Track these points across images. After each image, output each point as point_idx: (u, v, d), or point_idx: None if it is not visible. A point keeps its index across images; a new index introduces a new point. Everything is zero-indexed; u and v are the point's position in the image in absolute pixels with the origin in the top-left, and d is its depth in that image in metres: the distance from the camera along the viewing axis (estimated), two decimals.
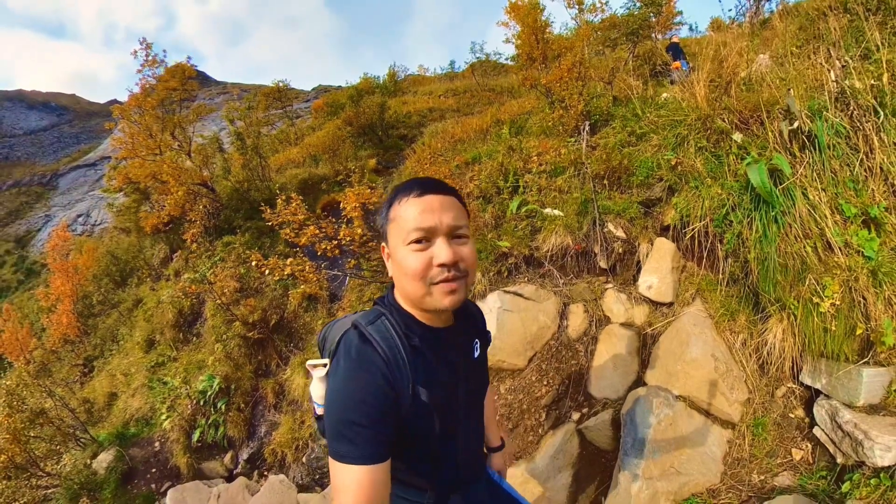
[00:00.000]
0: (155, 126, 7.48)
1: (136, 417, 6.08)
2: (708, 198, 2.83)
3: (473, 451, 1.26)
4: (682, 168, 3.12)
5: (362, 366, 0.96)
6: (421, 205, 0.97)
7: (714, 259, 2.85)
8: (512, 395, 3.06)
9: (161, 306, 7.48)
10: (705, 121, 3.15)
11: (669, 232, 3.12)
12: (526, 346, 3.17)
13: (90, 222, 25.79)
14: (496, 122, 7.08)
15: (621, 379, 2.81)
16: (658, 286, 3.00)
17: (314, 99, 23.53)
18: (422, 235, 0.96)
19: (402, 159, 8.40)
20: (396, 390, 0.96)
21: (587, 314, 3.20)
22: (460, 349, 1.15)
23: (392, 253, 1.02)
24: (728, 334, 2.64)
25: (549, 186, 3.96)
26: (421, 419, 1.01)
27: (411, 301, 1.03)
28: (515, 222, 3.84)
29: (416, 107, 11.35)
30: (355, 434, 0.91)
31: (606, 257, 3.32)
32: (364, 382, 0.94)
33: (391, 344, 0.99)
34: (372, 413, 0.92)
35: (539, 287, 3.40)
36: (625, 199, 3.38)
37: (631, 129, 3.90)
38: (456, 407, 1.12)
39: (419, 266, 0.95)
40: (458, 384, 1.12)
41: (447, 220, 0.97)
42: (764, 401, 2.44)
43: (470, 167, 5.30)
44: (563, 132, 4.72)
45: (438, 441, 1.07)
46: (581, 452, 2.65)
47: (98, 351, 9.12)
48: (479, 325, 1.31)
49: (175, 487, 4.47)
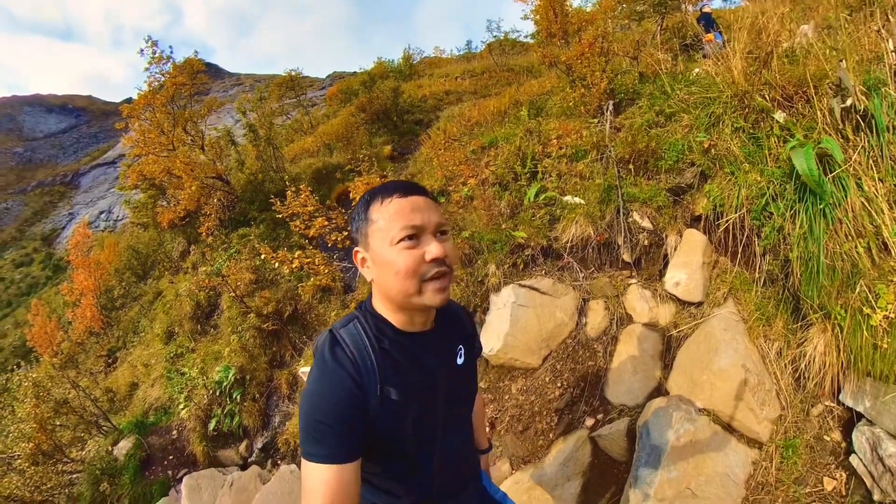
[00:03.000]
0: (166, 122, 7.60)
1: (155, 407, 6.35)
2: (745, 185, 2.59)
3: (455, 462, 1.24)
4: (716, 151, 2.88)
5: (330, 367, 1.00)
6: (408, 204, 1.01)
7: (750, 255, 2.62)
8: (523, 395, 2.96)
9: (179, 299, 7.70)
10: (742, 98, 2.88)
11: (701, 223, 2.90)
12: (541, 344, 3.05)
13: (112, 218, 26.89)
14: (514, 104, 6.88)
15: (641, 385, 2.65)
16: (686, 283, 2.80)
17: (329, 86, 23.54)
18: (412, 232, 0.99)
19: (417, 145, 8.31)
20: (364, 391, 0.99)
21: (608, 311, 3.03)
22: (439, 354, 1.15)
23: (374, 255, 1.03)
24: (762, 342, 2.43)
25: (570, 172, 3.79)
26: (391, 420, 1.03)
27: (397, 302, 1.05)
28: (533, 211, 3.69)
29: (432, 90, 11.16)
30: (322, 434, 0.95)
31: (630, 250, 3.14)
32: (331, 383, 0.99)
33: (360, 346, 1.03)
34: (338, 413, 0.96)
35: (557, 281, 3.25)
36: (652, 186, 3.18)
37: (659, 108, 3.67)
38: (433, 413, 1.13)
39: (412, 263, 0.98)
40: (437, 390, 1.13)
41: (434, 218, 1.02)
42: (797, 420, 2.24)
43: (486, 152, 5.16)
44: (584, 113, 4.52)
45: (413, 446, 1.09)
46: (593, 461, 2.53)
47: (121, 342, 9.51)
48: (466, 331, 1.31)
49: (190, 474, 4.64)
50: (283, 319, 5.44)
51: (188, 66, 7.95)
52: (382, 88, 9.61)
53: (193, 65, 8.03)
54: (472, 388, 1.33)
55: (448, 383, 1.16)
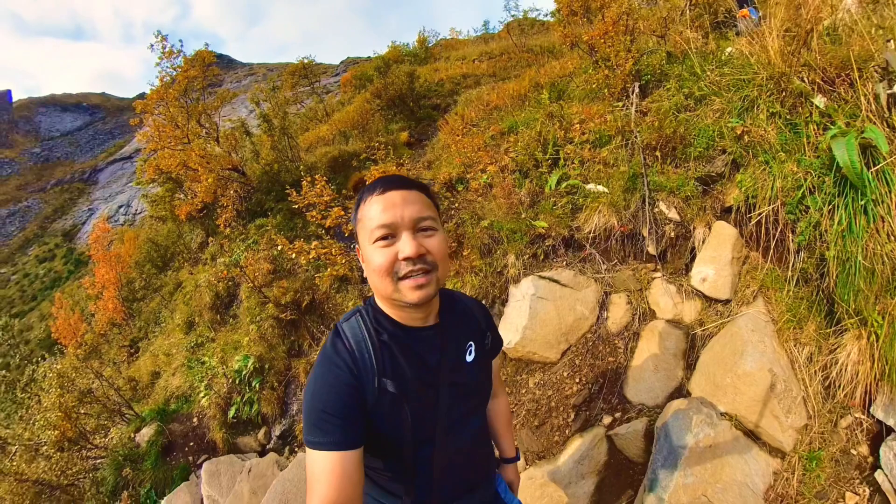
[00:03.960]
0: (180, 116, 7.72)
1: (176, 395, 6.58)
2: (780, 176, 2.48)
3: (459, 464, 1.23)
4: (749, 138, 2.77)
5: (330, 360, 1.06)
6: (383, 201, 1.02)
7: (783, 252, 2.52)
8: (540, 390, 2.94)
9: (199, 290, 7.91)
10: (779, 80, 2.75)
11: (731, 215, 2.81)
12: (560, 337, 3.02)
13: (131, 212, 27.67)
14: (535, 87, 6.76)
15: (662, 384, 2.61)
16: (714, 279, 2.72)
17: (343, 72, 23.52)
18: (385, 232, 1.01)
19: (435, 131, 8.27)
20: (361, 382, 1.04)
21: (630, 306, 2.99)
22: (443, 350, 1.16)
23: (362, 252, 1.08)
24: (792, 345, 2.34)
25: (593, 158, 3.73)
26: (388, 413, 1.06)
27: (384, 298, 1.09)
28: (554, 199, 3.65)
29: (449, 73, 11.04)
30: (324, 422, 1.00)
31: (656, 242, 3.07)
32: (331, 374, 1.04)
33: (358, 339, 1.08)
34: (338, 402, 1.01)
35: (578, 273, 3.21)
36: (680, 175, 3.09)
37: (688, 90, 3.55)
38: (434, 410, 1.14)
39: (384, 262, 1.01)
40: (437, 387, 1.14)
41: (409, 214, 1.02)
42: (824, 430, 2.17)
43: (505, 137, 5.10)
44: (608, 96, 4.42)
45: (410, 443, 1.10)
46: (608, 460, 2.51)
47: (142, 333, 9.84)
48: (478, 327, 1.30)
49: (210, 460, 4.83)
50: (301, 309, 5.54)
51: (199, 59, 8.02)
52: (397, 73, 9.54)
53: (204, 57, 8.08)
54: (485, 387, 1.31)
55: (454, 381, 1.16)
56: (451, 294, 1.29)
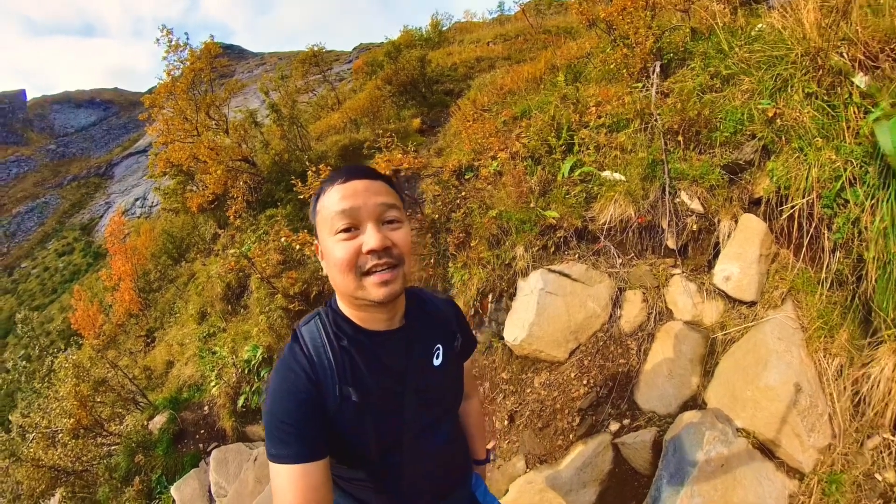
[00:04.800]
0: (188, 109, 7.80)
1: (188, 384, 6.79)
2: (816, 165, 2.27)
3: (430, 470, 1.20)
4: (782, 122, 2.56)
5: (289, 366, 1.02)
6: (344, 190, 0.97)
7: (817, 250, 2.33)
8: (546, 390, 2.84)
9: (210, 280, 8.06)
10: (815, 57, 2.52)
11: (760, 208, 2.60)
12: (568, 336, 2.90)
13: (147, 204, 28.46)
14: (551, 69, 6.55)
15: (675, 391, 2.46)
16: (739, 278, 2.54)
17: (356, 59, 23.43)
18: (348, 223, 0.95)
19: (448, 117, 8.14)
20: (321, 390, 0.99)
21: (646, 304, 2.82)
22: (409, 354, 1.11)
23: (322, 247, 1.02)
24: (821, 356, 2.16)
25: (609, 144, 3.56)
26: (351, 422, 1.02)
27: (346, 297, 1.03)
28: (567, 187, 3.50)
29: (463, 57, 10.84)
30: (285, 433, 0.96)
31: (676, 235, 2.89)
32: (289, 382, 1.00)
33: (317, 344, 1.03)
34: (298, 412, 0.97)
35: (591, 267, 3.06)
36: (704, 162, 2.89)
37: (714, 69, 3.33)
38: (399, 417, 1.10)
39: (347, 255, 0.95)
40: (403, 393, 1.09)
41: (374, 203, 0.97)
42: (848, 451, 2.00)
43: (518, 122, 4.95)
44: (627, 76, 4.22)
45: (376, 452, 1.07)
46: (613, 469, 2.39)
47: (158, 323, 10.12)
48: (448, 328, 1.25)
49: (219, 448, 4.98)
50: (310, 300, 5.56)
51: (205, 51, 8.09)
52: (408, 58, 9.41)
53: (210, 49, 8.14)
54: (455, 391, 1.27)
55: (420, 387, 1.12)
56: (419, 294, 1.23)
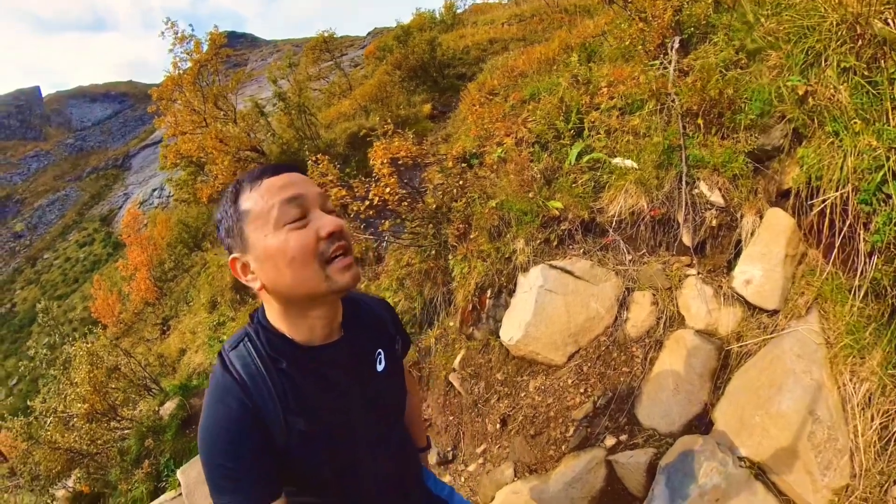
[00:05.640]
0: (196, 100, 7.92)
1: (197, 371, 7.03)
2: (854, 152, 1.97)
3: (389, 478, 1.15)
4: (815, 101, 2.26)
5: (221, 398, 0.91)
6: (281, 181, 0.90)
7: (851, 253, 2.02)
8: (540, 396, 2.67)
9: (221, 269, 8.18)
10: (854, 25, 2.21)
11: (789, 201, 2.32)
12: (567, 338, 2.70)
13: (164, 195, 29.27)
14: (565, 49, 6.29)
15: (681, 409, 2.24)
16: (761, 282, 2.27)
17: (369, 44, 23.27)
18: (297, 212, 0.88)
19: (459, 101, 7.98)
20: (263, 422, 0.90)
21: (655, 308, 2.59)
22: (352, 367, 1.04)
23: (257, 252, 0.89)
24: (847, 379, 1.86)
25: (622, 128, 3.34)
26: (304, 451, 0.94)
27: (298, 303, 0.93)
28: (574, 175, 3.30)
29: (476, 39, 10.60)
30: (228, 479, 0.87)
31: (693, 231, 2.63)
32: (224, 418, 0.89)
33: (251, 371, 0.92)
34: (237, 451, 0.87)
35: (596, 264, 2.84)
36: (727, 148, 2.63)
37: (739, 42, 3.03)
38: (353, 435, 1.04)
39: (307, 243, 0.86)
40: (352, 410, 1.03)
41: (314, 190, 0.93)
42: (869, 497, 1.70)
43: (526, 106, 4.75)
44: (643, 54, 3.96)
45: (332, 474, 1.01)
46: (605, 488, 2.21)
47: (173, 311, 10.41)
48: (385, 331, 1.19)
49: None
50: None
51: (210, 42, 8.18)
52: (418, 41, 9.24)
53: (215, 39, 8.24)
54: (400, 394, 1.22)
55: (367, 397, 1.06)
56: (352, 298, 1.14)
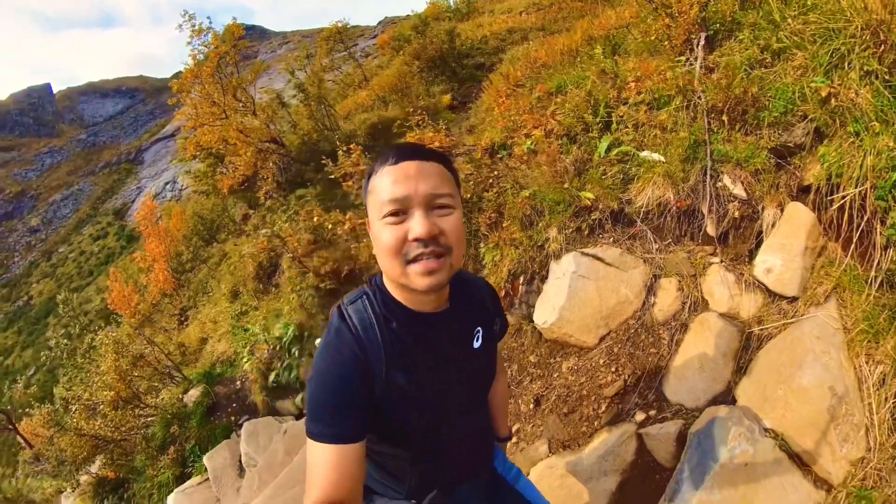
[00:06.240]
0: (216, 92, 8.10)
1: (221, 360, 7.23)
2: (873, 152, 2.14)
3: (465, 450, 1.25)
4: (837, 102, 2.43)
5: (336, 346, 1.03)
6: (394, 173, 0.97)
7: (868, 246, 2.19)
8: (573, 375, 2.89)
9: (243, 260, 8.43)
10: (877, 30, 2.38)
11: (809, 196, 2.50)
12: (599, 321, 2.92)
13: (177, 188, 29.77)
14: (588, 40, 6.43)
15: (705, 385, 2.45)
16: (781, 271, 2.46)
17: (381, 33, 23.33)
18: (396, 207, 0.95)
19: (479, 92, 8.13)
20: (369, 373, 1.01)
21: (680, 293, 2.79)
22: (454, 337, 1.14)
23: (371, 228, 1.04)
24: (862, 361, 2.06)
25: (649, 122, 3.53)
26: (397, 405, 1.05)
27: (393, 280, 1.04)
28: (604, 168, 3.51)
29: (493, 29, 10.69)
30: (326, 414, 0.98)
31: (717, 221, 2.83)
32: (336, 363, 1.01)
33: (366, 325, 1.03)
34: (343, 394, 0.99)
35: (625, 252, 3.06)
36: (750, 144, 2.81)
37: (764, 41, 3.20)
38: (443, 400, 1.13)
39: (393, 241, 0.95)
40: (448, 377, 1.12)
41: (424, 189, 0.96)
42: (882, 468, 1.90)
43: (553, 98, 4.93)
44: (669, 49, 4.14)
45: (419, 433, 1.10)
46: (635, 460, 2.42)
47: (191, 302, 10.66)
48: (486, 310, 1.27)
49: (250, 421, 5.29)
50: (341, 279, 5.76)
51: (229, 34, 8.35)
52: (436, 32, 9.37)
53: (234, 31, 8.42)
54: (490, 373, 1.31)
55: (462, 369, 1.15)
56: (460, 276, 1.21)
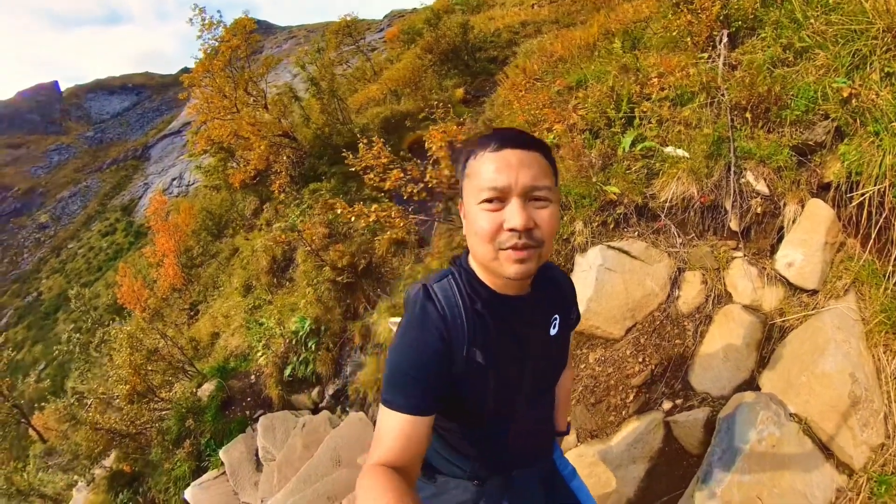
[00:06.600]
0: (227, 86, 8.16)
1: (235, 354, 7.26)
2: (892, 151, 2.24)
3: (531, 436, 1.29)
4: (857, 102, 2.52)
5: (421, 321, 1.06)
6: (496, 161, 0.98)
7: (886, 242, 2.30)
8: (600, 366, 2.97)
9: (255, 254, 8.51)
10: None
11: (829, 193, 2.60)
12: (626, 313, 3.01)
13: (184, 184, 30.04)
14: (605, 34, 6.49)
15: (730, 374, 2.55)
16: (802, 265, 2.57)
17: (387, 27, 23.35)
18: (494, 195, 0.97)
19: (493, 86, 8.18)
20: (450, 349, 1.04)
21: (704, 286, 2.90)
22: (532, 322, 1.17)
23: (465, 210, 1.06)
24: (881, 351, 2.16)
25: (673, 118, 3.61)
26: (473, 383, 1.08)
27: (481, 263, 1.07)
28: (628, 163, 3.60)
29: (506, 21, 10.72)
30: (403, 383, 1.01)
31: (739, 217, 2.92)
32: (420, 336, 1.05)
33: (451, 303, 1.07)
34: (423, 366, 1.02)
35: (650, 245, 3.15)
36: (773, 141, 2.90)
37: (787, 40, 3.29)
38: (518, 383, 1.16)
39: (488, 228, 0.97)
40: (525, 360, 1.15)
41: (524, 180, 0.96)
42: None
43: (573, 93, 5.01)
44: (691, 46, 4.22)
45: (490, 413, 1.13)
46: (663, 448, 2.52)
47: (202, 296, 10.76)
48: (565, 300, 1.30)
49: (266, 415, 5.35)
50: (358, 272, 5.84)
51: (240, 27, 8.39)
52: (449, 25, 9.41)
53: (245, 25, 8.46)
54: (563, 361, 1.34)
55: (538, 354, 1.18)
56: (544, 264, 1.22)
